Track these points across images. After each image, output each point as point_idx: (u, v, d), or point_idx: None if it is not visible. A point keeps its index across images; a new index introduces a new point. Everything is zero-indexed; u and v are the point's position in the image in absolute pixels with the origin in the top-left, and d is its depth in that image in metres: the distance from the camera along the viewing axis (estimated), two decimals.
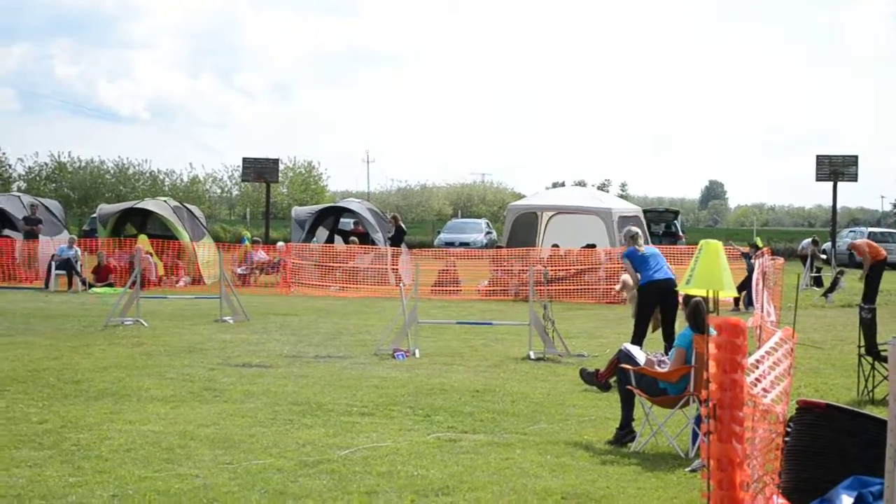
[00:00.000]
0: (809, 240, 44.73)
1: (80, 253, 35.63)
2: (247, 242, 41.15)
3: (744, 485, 5.39)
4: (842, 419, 7.98)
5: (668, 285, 16.67)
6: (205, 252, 37.37)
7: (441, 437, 11.87)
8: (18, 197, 43.46)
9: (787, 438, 7.79)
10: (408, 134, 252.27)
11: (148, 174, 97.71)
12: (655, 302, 16.81)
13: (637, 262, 17.01)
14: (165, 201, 40.93)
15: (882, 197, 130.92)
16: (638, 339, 16.21)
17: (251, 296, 30.71)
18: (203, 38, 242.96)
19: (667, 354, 13.37)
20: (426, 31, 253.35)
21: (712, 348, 5.37)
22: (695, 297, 11.56)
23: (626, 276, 18.13)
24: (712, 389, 5.36)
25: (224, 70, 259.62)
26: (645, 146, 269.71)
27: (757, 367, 6.37)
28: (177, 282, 36.12)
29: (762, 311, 18.44)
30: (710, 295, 6.66)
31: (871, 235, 59.83)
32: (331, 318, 25.50)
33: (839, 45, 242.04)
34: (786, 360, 6.90)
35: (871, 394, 14.93)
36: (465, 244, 57.44)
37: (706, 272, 6.61)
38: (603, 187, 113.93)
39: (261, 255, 38.77)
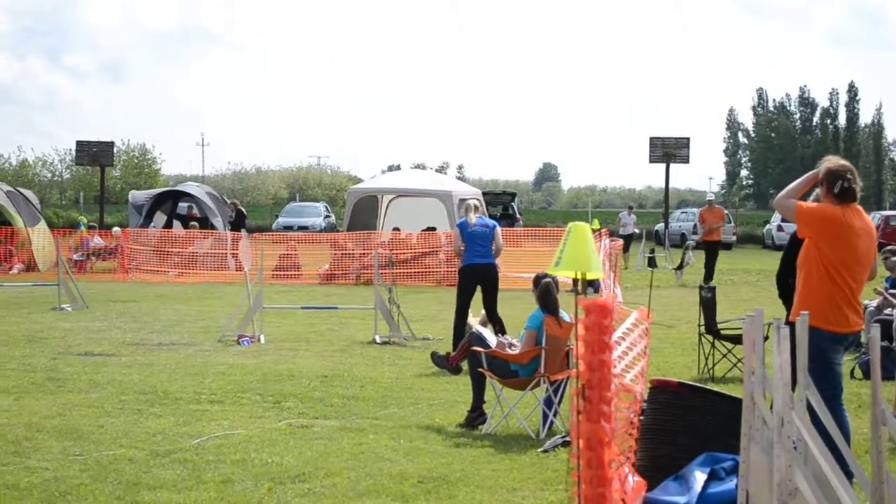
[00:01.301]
0: (626, 212, 45.14)
1: None
2: (82, 228, 40.33)
3: (612, 463, 5.50)
4: (694, 397, 8.18)
5: (488, 271, 16.89)
6: (39, 238, 36.50)
7: (293, 423, 11.82)
8: None
9: (641, 417, 7.96)
10: (243, 117, 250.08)
11: None
12: (475, 284, 17.00)
13: (465, 237, 17.02)
14: None
15: (710, 178, 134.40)
16: (461, 319, 16.44)
17: (88, 282, 30.09)
18: (30, 18, 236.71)
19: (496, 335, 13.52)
20: (262, 12, 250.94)
21: (581, 329, 5.45)
22: (545, 278, 11.71)
23: None
24: (581, 370, 5.45)
25: (53, 50, 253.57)
26: (480, 129, 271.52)
27: (615, 348, 6.48)
28: (10, 269, 35.23)
29: (611, 293, 18.77)
30: (579, 276, 6.73)
31: None
32: (172, 305, 25.17)
33: (673, 28, 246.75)
34: (642, 340, 7.04)
35: (711, 371, 15.33)
36: (303, 228, 57.04)
37: (575, 254, 6.70)
38: (441, 170, 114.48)
39: (97, 240, 38.06)
